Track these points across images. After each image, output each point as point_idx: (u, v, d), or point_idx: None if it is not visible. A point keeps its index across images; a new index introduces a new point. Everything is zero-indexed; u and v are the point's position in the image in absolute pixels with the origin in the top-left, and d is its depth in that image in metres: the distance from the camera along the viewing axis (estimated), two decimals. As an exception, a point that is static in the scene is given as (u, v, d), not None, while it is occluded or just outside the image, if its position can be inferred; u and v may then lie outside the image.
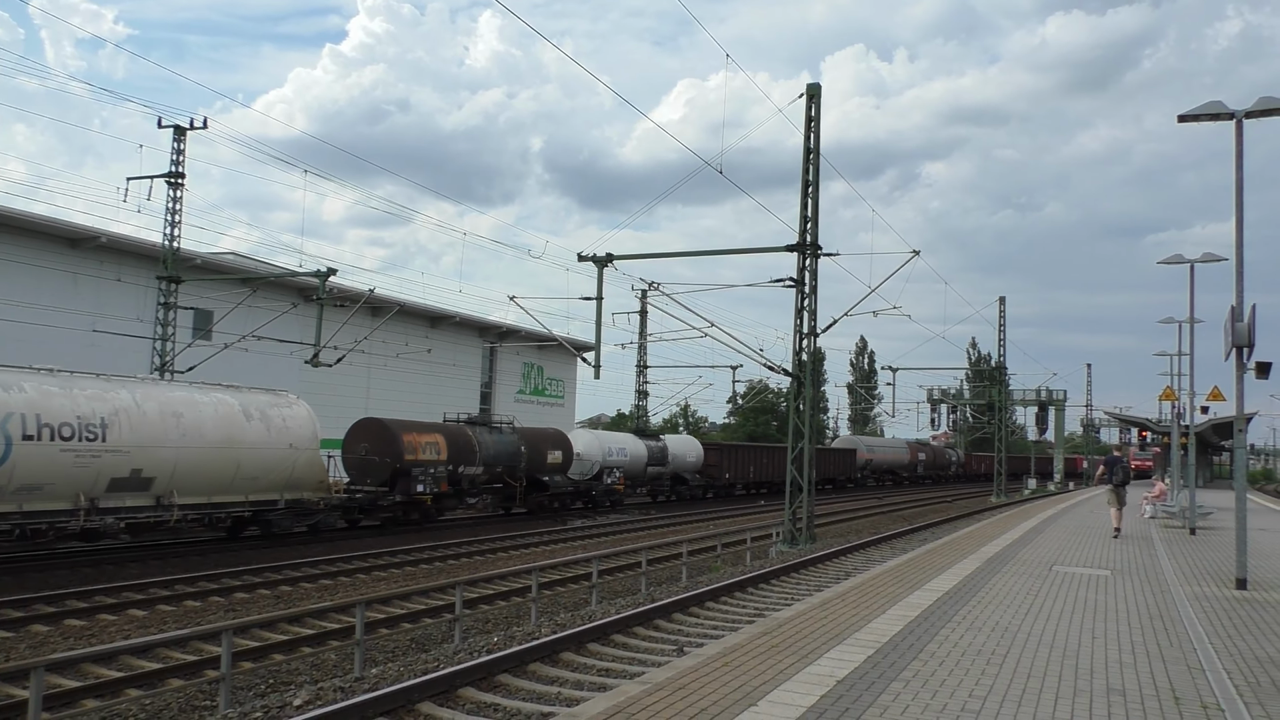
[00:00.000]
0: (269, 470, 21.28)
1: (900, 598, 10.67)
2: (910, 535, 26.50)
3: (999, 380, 60.68)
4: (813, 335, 24.11)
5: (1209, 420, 40.50)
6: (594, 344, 25.14)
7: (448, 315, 44.94)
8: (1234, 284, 12.39)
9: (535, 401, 53.28)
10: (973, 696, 6.46)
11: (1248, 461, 16.92)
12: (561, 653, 10.57)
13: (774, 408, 78.36)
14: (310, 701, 8.56)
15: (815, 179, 23.63)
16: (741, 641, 8.14)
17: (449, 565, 19.77)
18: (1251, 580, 12.51)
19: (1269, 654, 8.16)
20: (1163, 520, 24.84)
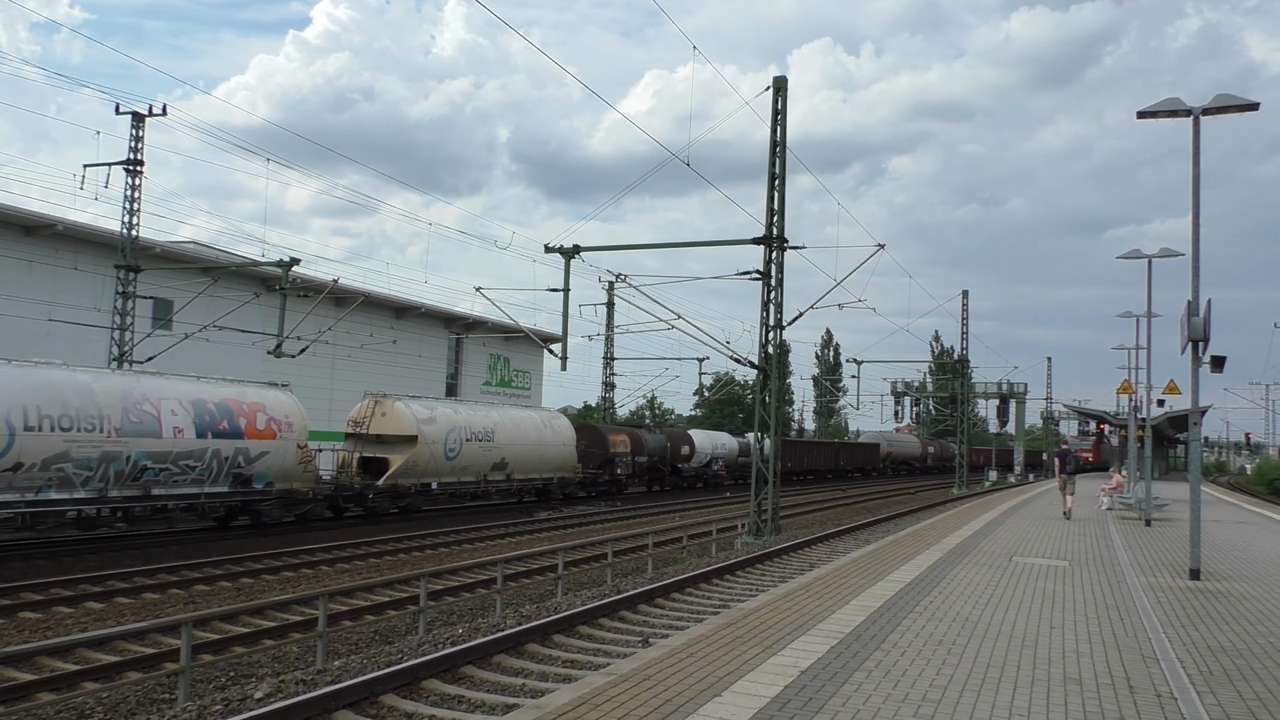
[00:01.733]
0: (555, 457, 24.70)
1: (863, 589, 10.77)
2: (874, 527, 26.75)
3: (961, 373, 61.36)
4: (779, 328, 24.22)
5: (1165, 413, 41.27)
6: (561, 335, 25.07)
7: (413, 306, 44.60)
8: (1190, 279, 12.60)
9: (501, 393, 53.04)
10: (933, 686, 6.53)
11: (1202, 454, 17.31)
12: (527, 644, 10.55)
13: (740, 400, 78.68)
14: (271, 694, 8.48)
15: (782, 172, 23.71)
16: (707, 632, 8.17)
17: (413, 557, 19.66)
18: (1205, 571, 12.76)
19: (1221, 643, 8.34)
20: (1119, 512, 25.27)
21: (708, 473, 46.38)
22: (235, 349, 33.65)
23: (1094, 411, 62.35)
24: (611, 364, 55.11)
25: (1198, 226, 12.62)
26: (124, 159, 28.24)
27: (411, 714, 8.06)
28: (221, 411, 21.22)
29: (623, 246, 26.74)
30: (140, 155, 28.44)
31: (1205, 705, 6.26)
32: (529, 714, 5.72)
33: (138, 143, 28.42)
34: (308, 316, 30.88)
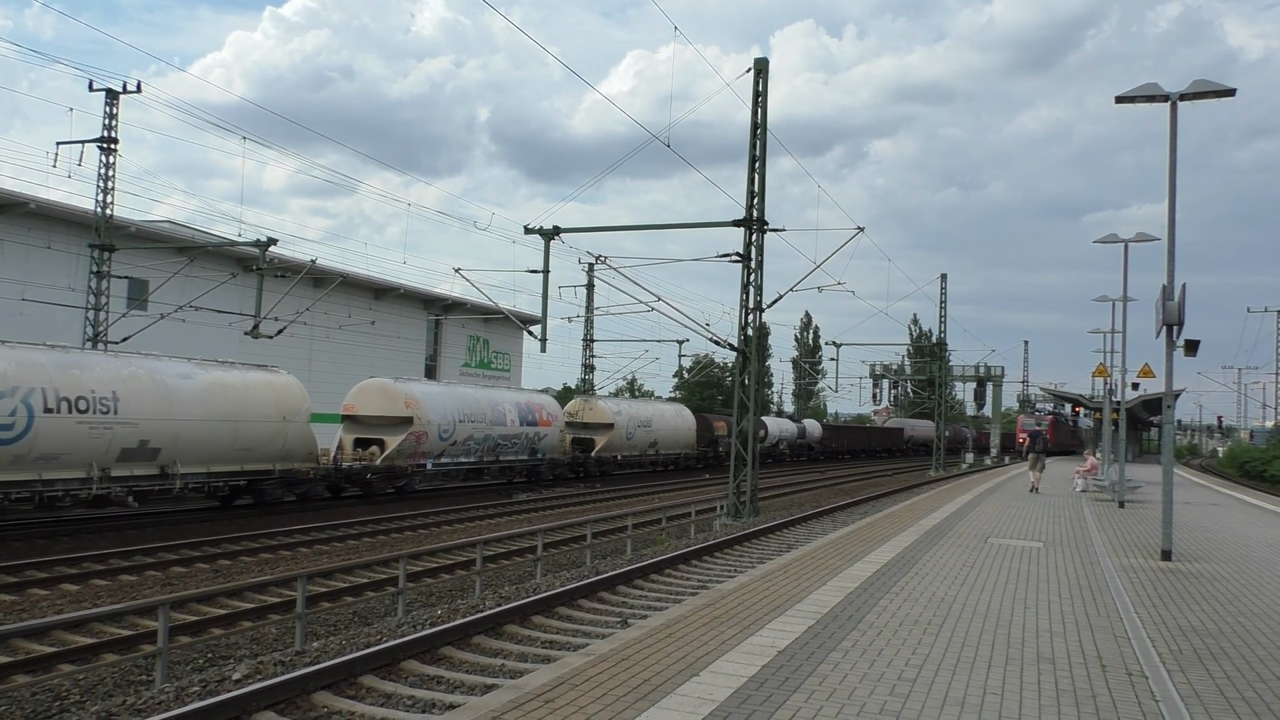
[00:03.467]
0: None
1: (840, 570, 10.85)
2: (852, 508, 26.92)
3: (939, 356, 61.73)
4: (758, 310, 24.26)
5: (1139, 397, 41.74)
6: (540, 317, 25.01)
7: (392, 287, 44.37)
8: (1165, 264, 12.72)
9: (481, 375, 52.91)
10: (909, 665, 6.60)
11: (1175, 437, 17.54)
12: (505, 625, 10.57)
13: (719, 382, 78.85)
14: (249, 675, 8.46)
15: (762, 155, 23.68)
16: (685, 613, 8.21)
17: (393, 539, 19.63)
18: (1176, 552, 12.95)
19: (1191, 623, 8.46)
20: (1093, 494, 25.56)
21: (776, 450, 58.72)
22: (212, 330, 33.39)
23: (1069, 394, 62.96)
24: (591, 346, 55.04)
25: (1173, 211, 12.73)
26: (98, 136, 27.86)
27: (390, 694, 8.07)
28: (526, 409, 34.11)
29: (603, 228, 26.70)
30: (114, 133, 28.06)
31: (1175, 684, 6.37)
32: (507, 694, 5.74)
33: (112, 120, 28.04)
34: (285, 297, 30.66)
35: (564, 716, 5.32)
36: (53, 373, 18.44)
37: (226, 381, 22.65)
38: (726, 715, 5.39)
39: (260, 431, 22.91)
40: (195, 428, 21.17)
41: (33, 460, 17.81)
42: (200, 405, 21.41)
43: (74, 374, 18.90)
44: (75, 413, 18.47)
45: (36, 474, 17.92)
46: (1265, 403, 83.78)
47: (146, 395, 20.12)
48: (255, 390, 23.24)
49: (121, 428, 19.43)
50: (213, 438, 21.61)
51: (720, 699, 5.68)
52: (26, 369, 17.98)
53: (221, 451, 21.96)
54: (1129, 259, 22.49)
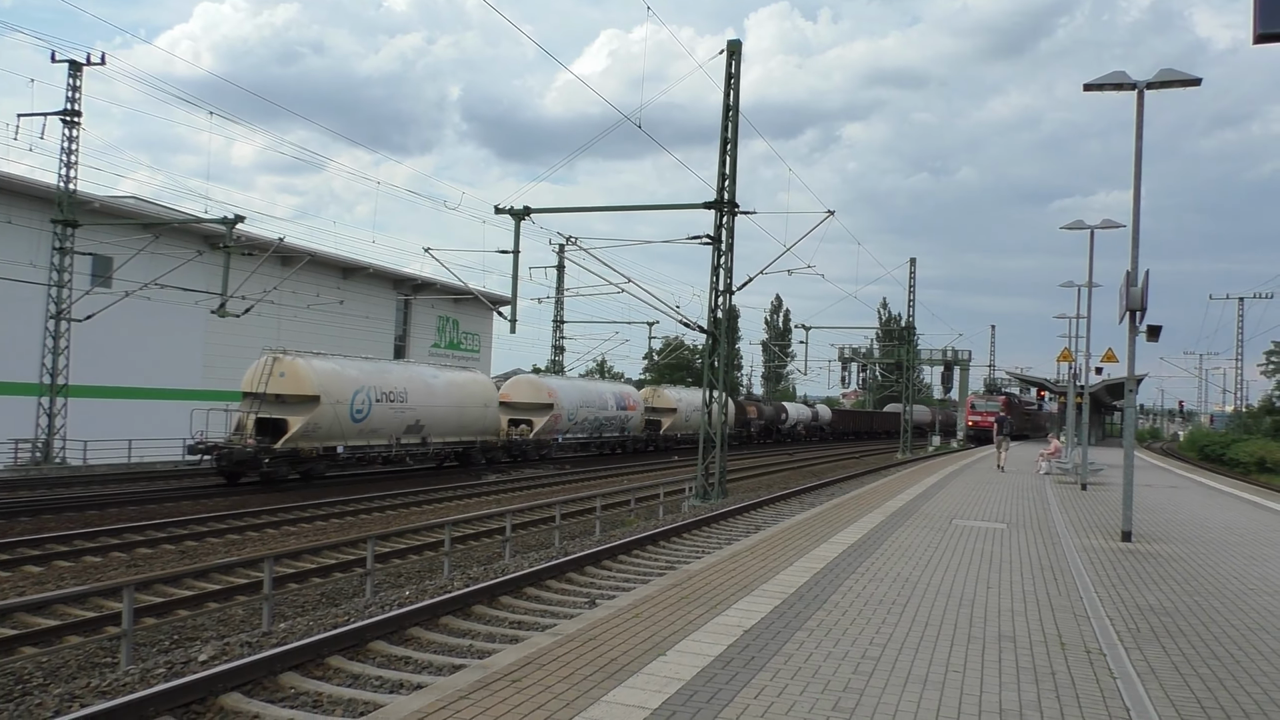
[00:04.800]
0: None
1: (807, 550, 10.95)
2: (819, 490, 27.13)
3: (908, 340, 62.19)
4: (728, 292, 24.31)
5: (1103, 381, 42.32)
6: (510, 298, 24.92)
7: (361, 266, 43.99)
8: (1130, 250, 12.88)
9: (450, 355, 52.65)
10: (873, 644, 6.69)
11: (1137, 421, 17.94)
12: (474, 605, 10.58)
13: (689, 364, 78.99)
14: (215, 657, 8.42)
15: (734, 137, 23.68)
16: (652, 593, 8.26)
17: (360, 520, 19.55)
18: (1136, 533, 13.18)
19: (1149, 602, 8.63)
20: (1057, 476, 25.92)
21: (794, 431, 70.61)
22: (177, 307, 32.97)
23: (1035, 378, 63.70)
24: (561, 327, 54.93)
25: (1138, 199, 12.88)
26: (60, 109, 27.32)
27: (358, 675, 8.06)
28: (620, 397, 43.97)
29: (573, 209, 26.59)
30: (78, 105, 27.53)
31: (1132, 661, 6.50)
32: (474, 674, 5.76)
33: (75, 92, 27.50)
34: (252, 275, 30.30)
35: (531, 696, 5.34)
36: (376, 377, 28.03)
37: (455, 380, 32.50)
38: (692, 694, 5.44)
39: (473, 414, 32.69)
40: (442, 411, 30.82)
41: (369, 432, 27.61)
42: (444, 396, 31.07)
43: (385, 377, 28.49)
44: (388, 402, 28.12)
45: (367, 441, 27.65)
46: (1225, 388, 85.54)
47: (418, 390, 29.78)
48: (470, 385, 33.07)
49: (408, 411, 29.15)
50: (450, 417, 31.35)
51: (686, 678, 5.73)
52: (365, 374, 27.68)
53: (454, 427, 31.74)
54: (1095, 245, 22.76)
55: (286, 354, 26.20)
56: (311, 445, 25.74)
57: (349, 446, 26.93)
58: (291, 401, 25.69)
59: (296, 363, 25.78)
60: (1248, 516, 17.22)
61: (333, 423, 26.12)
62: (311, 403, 25.64)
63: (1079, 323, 30.67)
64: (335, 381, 26.39)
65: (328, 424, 25.99)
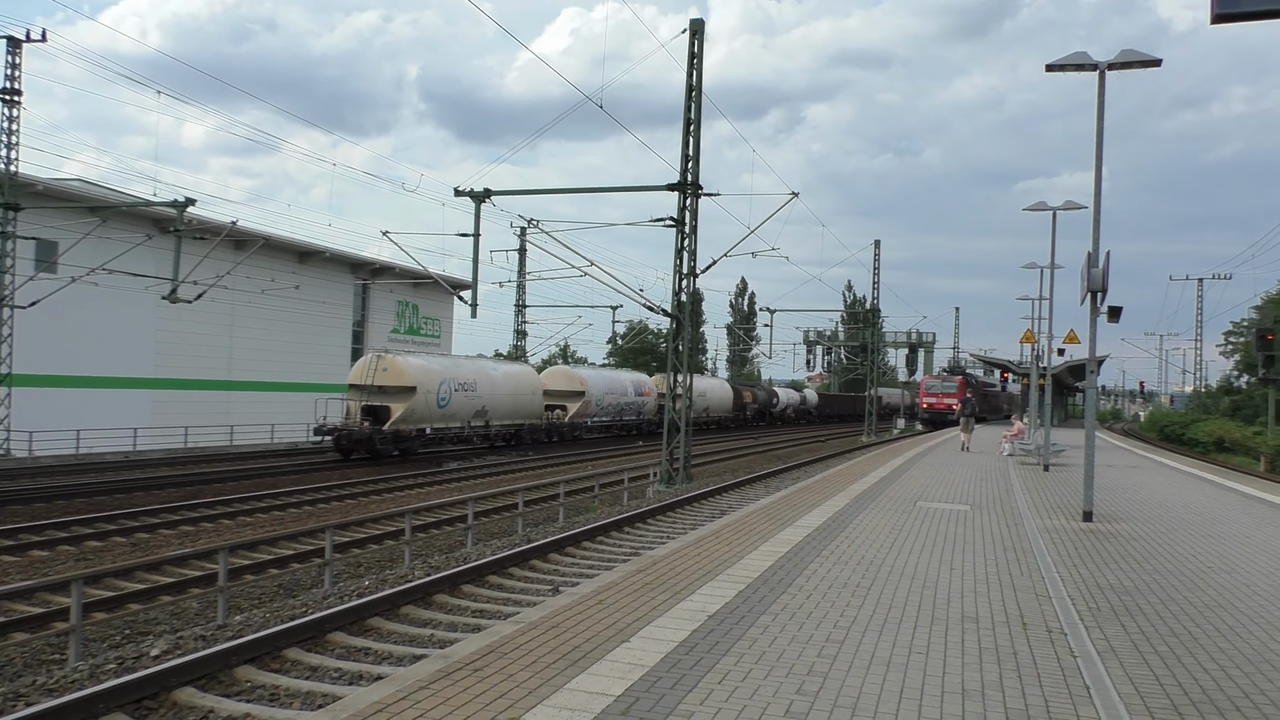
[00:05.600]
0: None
1: (772, 534, 11.02)
2: (784, 474, 27.31)
3: (872, 323, 62.70)
4: (692, 276, 24.32)
5: (1065, 363, 42.94)
6: (471, 282, 24.76)
7: (317, 250, 43.42)
8: (1091, 231, 13.05)
9: (410, 341, 52.21)
10: (837, 627, 6.75)
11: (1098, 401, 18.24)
12: (435, 595, 10.54)
13: (653, 348, 79.09)
14: (169, 651, 8.31)
15: (697, 118, 23.64)
16: (616, 580, 8.26)
17: (319, 509, 19.38)
18: (1097, 513, 13.41)
19: (1109, 581, 8.79)
20: (1020, 458, 26.30)
21: (784, 414, 75.01)
22: (126, 293, 32.35)
23: (998, 360, 64.44)
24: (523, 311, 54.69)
25: (1100, 180, 13.05)
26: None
27: (316, 667, 8.00)
28: (638, 385, 49.58)
29: (535, 191, 26.44)
30: (18, 84, 26.87)
31: (1093, 639, 6.62)
32: (436, 664, 5.73)
33: (14, 70, 26.83)
34: (205, 260, 29.81)
35: (493, 684, 5.33)
36: (453, 370, 34.30)
37: (510, 371, 39.21)
38: (656, 680, 5.45)
39: (524, 400, 38.76)
40: (501, 398, 36.86)
41: (448, 416, 33.55)
42: (503, 385, 37.26)
43: (459, 369, 34.90)
44: (462, 391, 34.12)
45: (446, 424, 33.49)
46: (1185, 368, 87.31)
47: (484, 380, 35.90)
48: (521, 375, 39.70)
49: (477, 399, 35.14)
50: (507, 404, 37.40)
51: (650, 664, 5.75)
52: (445, 368, 34.02)
53: (509, 411, 37.80)
54: (1058, 227, 23.05)
55: (388, 353, 32.99)
56: (409, 427, 31.72)
57: (434, 428, 33.22)
58: (391, 391, 31.43)
59: (397, 360, 32.15)
60: (1206, 496, 17.60)
61: (424, 409, 32.32)
62: (409, 392, 31.50)
63: (1041, 304, 31.03)
64: (426, 374, 32.61)
65: (420, 410, 32.13)
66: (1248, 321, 62.70)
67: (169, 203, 26.81)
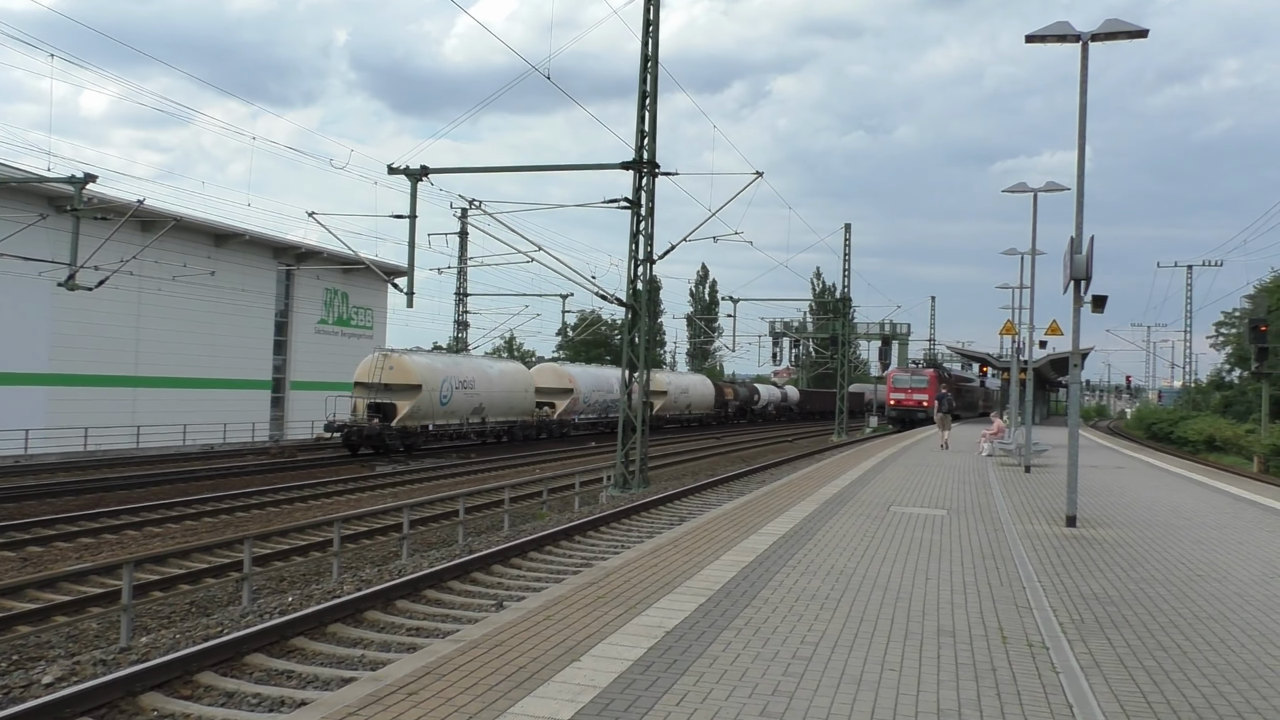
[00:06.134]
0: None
1: (735, 543, 11.06)
2: (749, 477, 27.48)
3: (843, 313, 63.18)
4: (649, 261, 24.34)
5: (1047, 356, 43.67)
6: (407, 268, 24.57)
7: (236, 233, 42.77)
8: (1074, 214, 13.25)
9: (339, 333, 51.70)
10: (805, 643, 6.78)
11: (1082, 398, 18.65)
12: (366, 611, 10.46)
13: (607, 340, 79.12)
14: (64, 678, 8.13)
15: (654, 90, 23.63)
16: (566, 593, 8.24)
17: (237, 518, 19.09)
18: (1081, 518, 13.64)
19: (1093, 590, 8.94)
20: (999, 458, 26.69)
21: (765, 411, 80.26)
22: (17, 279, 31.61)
23: (977, 353, 65.28)
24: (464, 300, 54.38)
25: (1083, 159, 13.25)
26: None
27: (233, 693, 7.88)
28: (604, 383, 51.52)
29: (477, 169, 26.33)
30: (-109, 46, 26.06)
31: (1076, 654, 6.72)
32: (366, 687, 5.66)
33: (-112, 31, 26.00)
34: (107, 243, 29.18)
35: (430, 709, 5.28)
36: (453, 368, 38.70)
37: (505, 369, 44.17)
38: (609, 702, 5.43)
39: (517, 398, 43.10)
40: (497, 396, 41.16)
41: (448, 413, 37.58)
42: (499, 383, 41.69)
43: (459, 367, 39.36)
44: (463, 389, 38.35)
45: (446, 420, 37.63)
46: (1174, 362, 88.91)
47: (482, 378, 40.22)
48: (515, 374, 44.27)
49: (475, 396, 39.38)
50: (502, 401, 41.73)
51: (602, 684, 5.73)
52: (446, 366, 38.46)
53: (504, 409, 42.06)
54: (1039, 210, 23.39)
55: (394, 351, 37.30)
56: (414, 424, 35.68)
57: (436, 425, 37.28)
58: (397, 389, 35.30)
59: (403, 358, 36.48)
60: (1196, 498, 17.99)
61: (428, 406, 36.42)
62: (415, 390, 35.58)
63: (1022, 293, 31.45)
64: (430, 372, 36.82)
65: (425, 407, 36.22)
66: (1240, 311, 64.23)
67: (65, 179, 26.18)
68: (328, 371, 49.12)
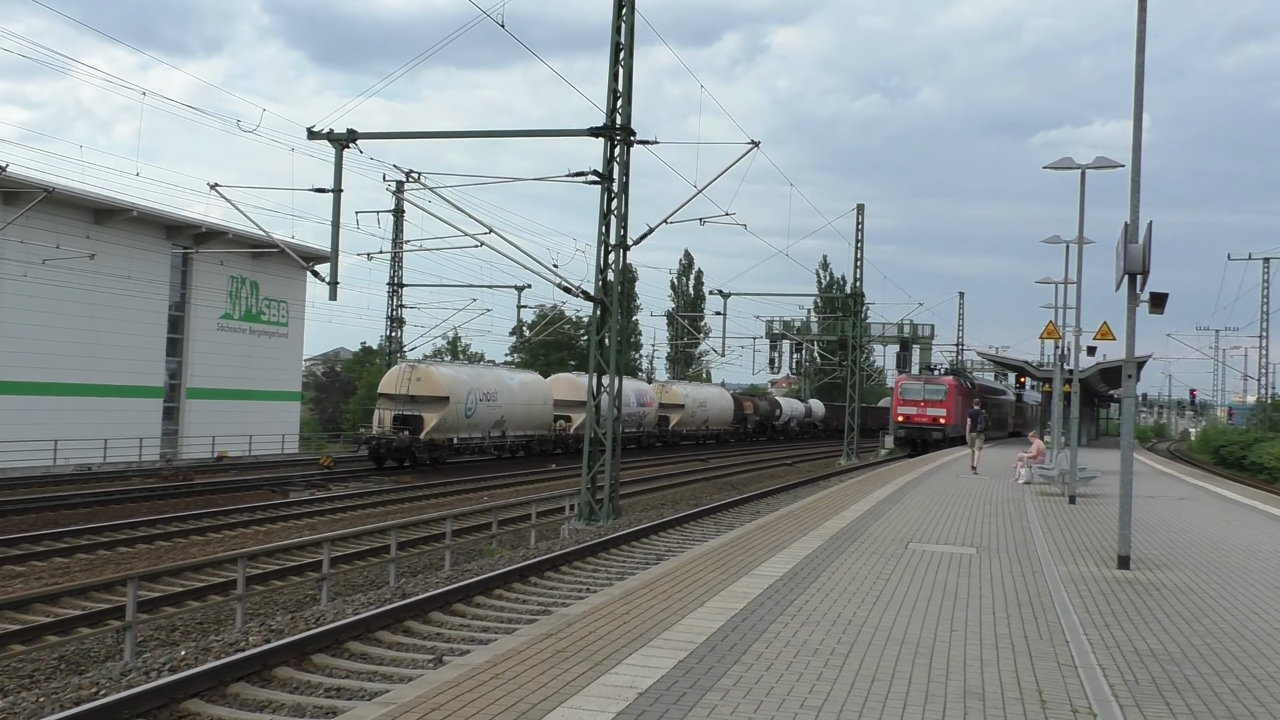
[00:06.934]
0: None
1: (723, 586, 11.06)
2: (740, 507, 27.54)
3: (854, 311, 63.40)
4: (622, 248, 24.35)
5: (1097, 365, 44.01)
6: (330, 252, 24.48)
7: (121, 208, 42.42)
8: (1129, 196, 13.32)
9: (247, 329, 51.37)
10: (805, 707, 6.78)
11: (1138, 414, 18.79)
12: (276, 668, 10.43)
13: (572, 342, 79.05)
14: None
15: (630, 42, 23.66)
16: (518, 646, 8.22)
17: (119, 554, 18.93)
18: (1136, 558, 13.73)
19: (1150, 646, 8.99)
20: (1039, 486, 26.85)
21: (788, 427, 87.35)
22: None
23: (1013, 361, 65.85)
24: (400, 292, 54.34)
25: (1139, 130, 13.34)
26: None
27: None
28: (640, 395, 59.71)
29: (416, 134, 26.24)
30: None
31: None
32: (273, 762, 5.61)
33: None
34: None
35: (350, 789, 5.24)
36: (476, 379, 44.85)
37: (525, 380, 49.56)
38: (568, 780, 5.41)
39: (536, 410, 48.11)
40: (518, 408, 46.84)
41: (472, 426, 43.36)
42: (520, 395, 47.18)
43: (482, 379, 45.46)
44: (486, 401, 44.15)
45: (469, 434, 43.23)
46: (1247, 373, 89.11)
47: (503, 390, 45.89)
48: (534, 385, 49.42)
49: (497, 409, 45.12)
50: (522, 414, 47.12)
51: (561, 759, 5.71)
52: (470, 377, 44.69)
53: (523, 422, 47.43)
54: (1087, 190, 23.52)
55: (421, 362, 44.23)
56: (440, 437, 41.62)
57: (460, 438, 43.28)
58: (423, 401, 41.44)
59: (430, 369, 43.05)
60: (1273, 536, 18.16)
61: (454, 418, 42.31)
62: (442, 402, 41.76)
63: (1067, 290, 31.67)
64: (456, 384, 43.01)
65: (451, 420, 42.11)
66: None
67: (-85, 139, 25.95)
68: (233, 376, 48.78)
